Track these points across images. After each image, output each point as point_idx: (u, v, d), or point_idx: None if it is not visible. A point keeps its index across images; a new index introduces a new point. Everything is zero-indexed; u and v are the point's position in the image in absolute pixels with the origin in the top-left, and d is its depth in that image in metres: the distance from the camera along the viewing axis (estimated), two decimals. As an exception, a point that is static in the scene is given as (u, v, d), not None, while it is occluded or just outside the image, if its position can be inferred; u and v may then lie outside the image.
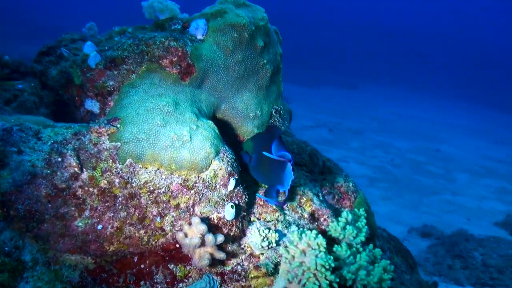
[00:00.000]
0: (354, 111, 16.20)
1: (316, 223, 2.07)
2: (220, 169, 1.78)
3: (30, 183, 1.58)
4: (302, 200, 2.09)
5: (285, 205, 2.02)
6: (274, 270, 1.80)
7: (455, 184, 9.95)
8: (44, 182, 1.59)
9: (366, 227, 2.05)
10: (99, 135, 1.69)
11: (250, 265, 1.79)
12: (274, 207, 1.99)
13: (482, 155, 12.60)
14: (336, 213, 2.13)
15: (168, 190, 1.69)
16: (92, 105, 1.91)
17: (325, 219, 2.06)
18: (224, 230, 1.77)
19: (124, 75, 1.88)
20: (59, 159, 1.62)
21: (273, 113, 2.30)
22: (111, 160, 1.66)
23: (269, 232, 1.84)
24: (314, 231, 1.80)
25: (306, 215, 2.06)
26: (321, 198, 2.17)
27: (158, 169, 1.69)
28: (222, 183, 1.78)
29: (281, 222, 1.98)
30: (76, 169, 1.61)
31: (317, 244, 1.77)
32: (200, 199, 1.73)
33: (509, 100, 20.48)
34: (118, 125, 1.72)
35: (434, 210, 8.35)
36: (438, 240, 6.68)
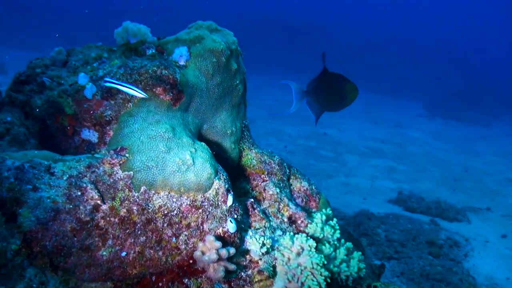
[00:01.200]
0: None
1: (294, 225, 2.33)
2: (220, 187, 1.95)
3: (55, 220, 1.62)
4: (280, 206, 2.33)
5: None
6: (273, 273, 2.02)
7: (347, 166, 10.81)
8: (68, 217, 1.64)
9: (337, 225, 2.36)
10: (112, 166, 1.76)
11: (254, 271, 1.99)
12: (261, 215, 2.20)
13: (365, 136, 13.72)
14: (308, 214, 2.40)
15: (179, 212, 1.83)
16: (90, 135, 1.95)
17: (302, 221, 2.33)
18: (229, 242, 1.95)
19: (120, 104, 1.95)
20: (79, 193, 1.68)
21: (243, 128, 2.50)
22: (127, 189, 1.75)
23: (264, 239, 2.06)
24: (304, 235, 2.06)
25: (285, 220, 2.31)
26: (294, 202, 2.43)
27: (169, 193, 1.82)
28: (222, 199, 1.96)
29: (268, 228, 2.20)
30: (98, 201, 1.68)
31: (309, 246, 2.03)
32: (207, 216, 1.89)
33: (388, 83, 22.33)
34: (127, 155, 1.81)
35: (333, 192, 9.05)
36: (343, 220, 7.29)
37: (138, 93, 1.78)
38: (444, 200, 7.12)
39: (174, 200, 1.83)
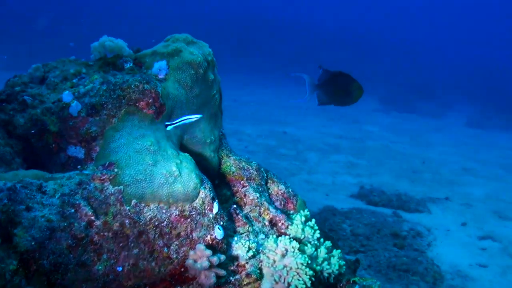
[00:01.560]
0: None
1: (275, 228, 2.42)
2: (206, 196, 2.02)
3: (51, 238, 1.65)
4: (261, 210, 2.43)
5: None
6: (260, 275, 2.12)
7: (308, 164, 10.97)
8: (64, 234, 1.67)
9: (316, 225, 2.47)
10: (103, 181, 1.81)
11: (242, 275, 2.08)
12: (244, 220, 2.29)
13: (324, 133, 13.93)
14: (287, 217, 2.51)
15: (169, 222, 1.89)
16: (77, 152, 1.98)
17: (282, 223, 2.43)
18: (217, 248, 2.03)
19: (105, 120, 1.99)
20: (73, 210, 1.71)
21: (220, 136, 2.58)
22: (118, 204, 1.80)
23: (250, 243, 2.15)
24: (287, 237, 2.16)
25: (267, 223, 2.40)
26: (273, 205, 2.53)
27: (158, 204, 1.88)
28: (208, 208, 2.03)
29: (251, 232, 2.29)
30: (92, 217, 1.72)
31: (292, 247, 2.13)
32: (195, 225, 1.96)
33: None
34: (116, 170, 1.86)
35: (297, 190, 9.18)
36: (309, 217, 7.44)
37: (195, 118, 2.08)
38: (404, 193, 7.37)
39: (164, 211, 1.89)
